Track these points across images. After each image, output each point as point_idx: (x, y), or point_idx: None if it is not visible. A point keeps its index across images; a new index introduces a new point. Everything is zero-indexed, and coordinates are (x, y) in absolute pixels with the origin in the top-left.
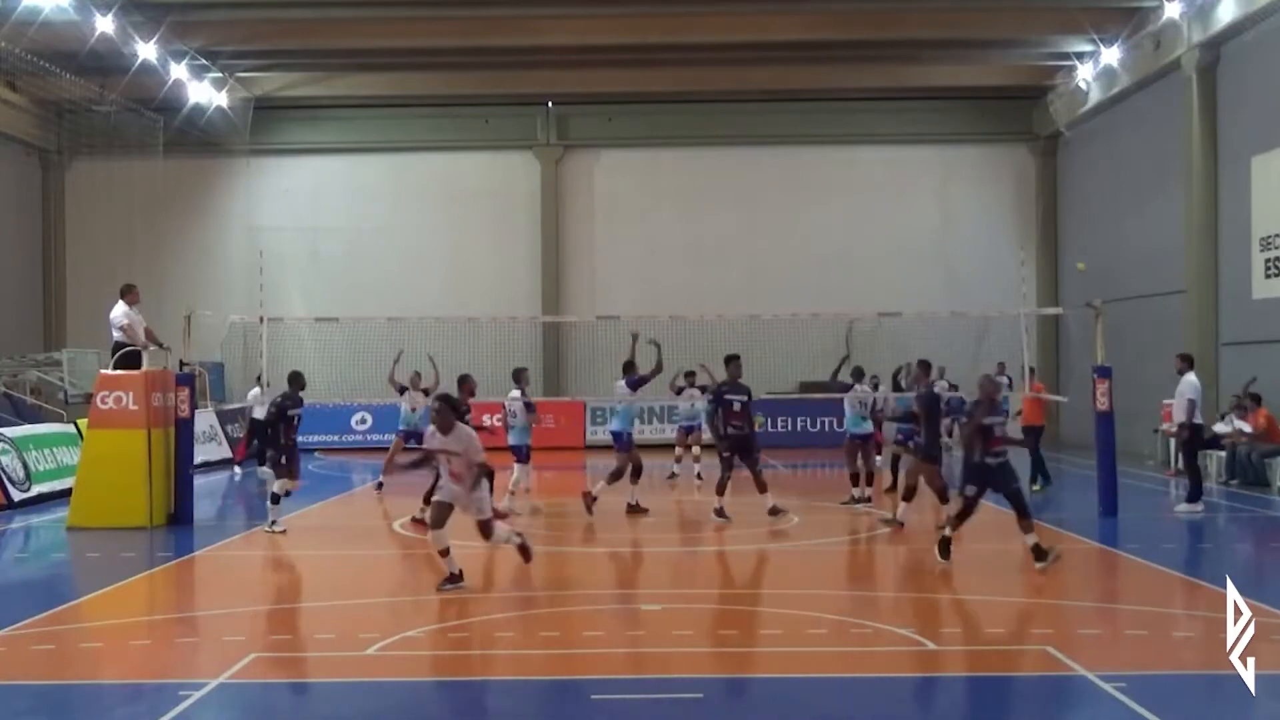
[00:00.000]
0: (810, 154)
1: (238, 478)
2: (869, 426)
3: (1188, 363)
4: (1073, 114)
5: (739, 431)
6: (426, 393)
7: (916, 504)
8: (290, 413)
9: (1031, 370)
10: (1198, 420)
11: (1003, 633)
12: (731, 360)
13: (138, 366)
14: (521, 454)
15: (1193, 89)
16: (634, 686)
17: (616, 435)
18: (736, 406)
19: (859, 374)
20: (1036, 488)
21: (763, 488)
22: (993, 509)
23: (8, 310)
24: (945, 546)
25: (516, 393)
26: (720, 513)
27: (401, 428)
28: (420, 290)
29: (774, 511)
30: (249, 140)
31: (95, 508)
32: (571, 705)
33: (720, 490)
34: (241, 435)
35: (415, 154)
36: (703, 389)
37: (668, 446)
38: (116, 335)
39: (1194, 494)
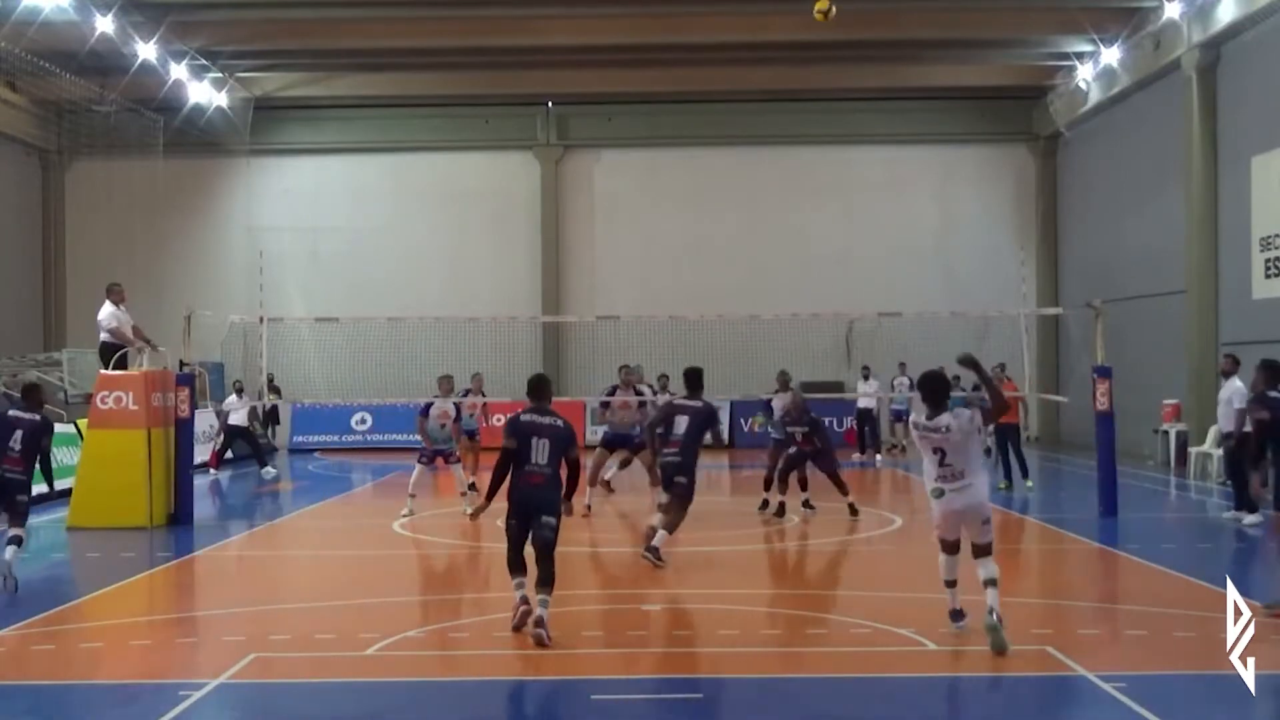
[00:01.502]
0: (810, 154)
1: (216, 478)
2: None
3: (1237, 364)
4: (1073, 114)
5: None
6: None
7: (906, 505)
8: None
9: (1002, 366)
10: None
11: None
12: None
13: (126, 367)
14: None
15: (1193, 89)
16: (634, 686)
17: None
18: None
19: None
20: (1003, 485)
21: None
22: (996, 511)
23: (8, 310)
24: None
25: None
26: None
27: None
28: (420, 290)
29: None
30: (249, 140)
31: (95, 508)
32: (571, 705)
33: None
34: (217, 441)
35: (415, 154)
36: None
37: None
38: (104, 337)
39: (1252, 503)
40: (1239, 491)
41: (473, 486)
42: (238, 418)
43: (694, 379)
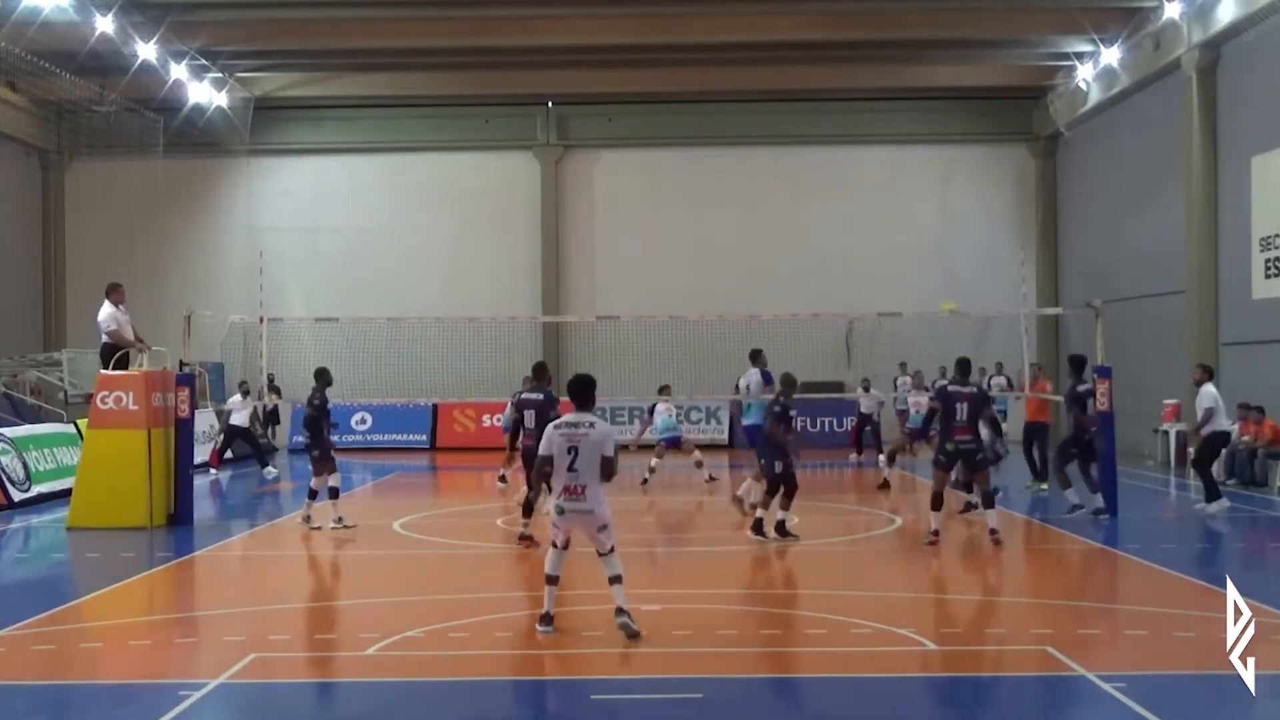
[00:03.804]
0: (810, 154)
1: (217, 478)
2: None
3: (1207, 373)
4: (1073, 114)
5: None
6: None
7: (911, 504)
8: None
9: (1039, 368)
10: (1221, 428)
11: (1003, 633)
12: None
13: (127, 367)
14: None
15: (1193, 89)
16: (634, 686)
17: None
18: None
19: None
20: (1044, 486)
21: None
22: (1004, 514)
23: (8, 310)
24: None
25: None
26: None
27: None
28: (420, 290)
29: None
30: (249, 140)
31: (95, 508)
32: (571, 705)
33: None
34: (218, 440)
35: (415, 154)
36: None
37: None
38: (105, 338)
39: (1213, 494)
40: (1208, 486)
41: (503, 479)
42: (239, 418)
43: (963, 367)
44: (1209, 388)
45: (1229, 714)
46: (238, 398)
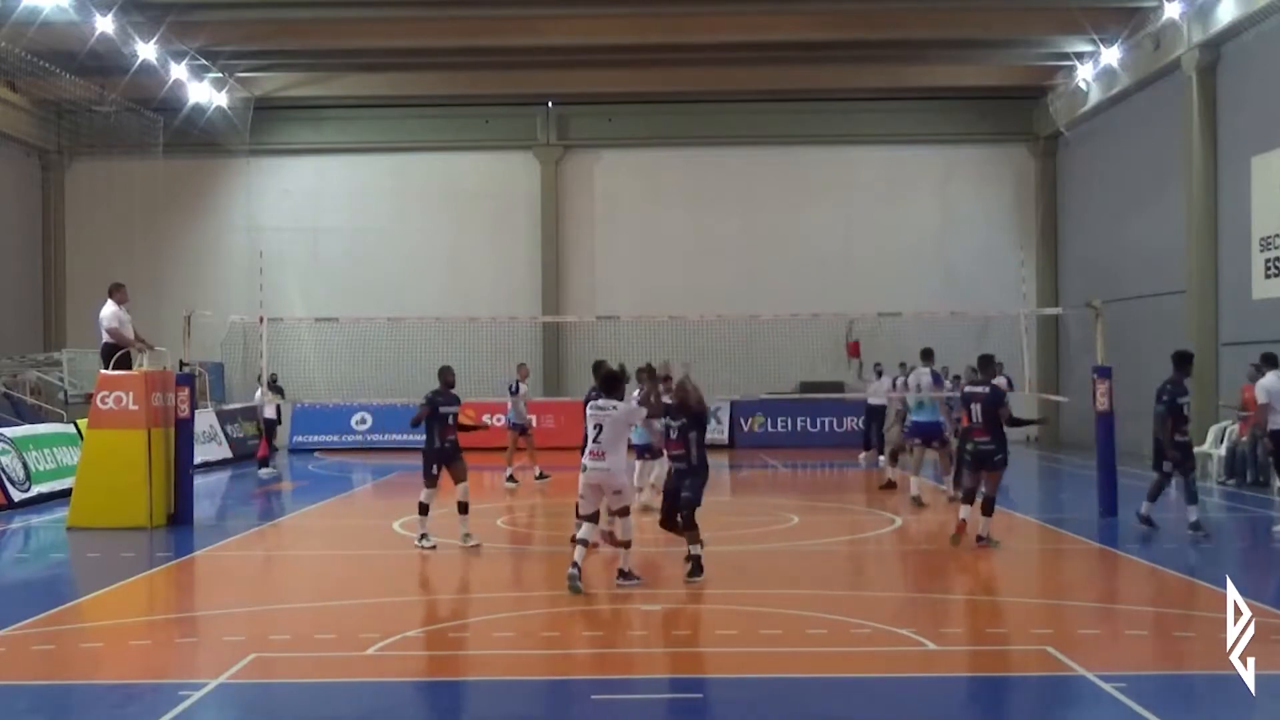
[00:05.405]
0: (810, 154)
1: (264, 477)
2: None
3: (1267, 364)
4: (1073, 114)
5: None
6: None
7: (911, 504)
8: (443, 410)
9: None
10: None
11: (1003, 633)
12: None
13: (128, 367)
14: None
15: (1193, 89)
16: (634, 686)
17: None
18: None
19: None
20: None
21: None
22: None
23: (8, 310)
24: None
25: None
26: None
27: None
28: (420, 290)
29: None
30: (249, 140)
31: (95, 508)
32: (571, 705)
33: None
34: (258, 436)
35: (415, 154)
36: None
37: None
38: (106, 337)
39: None
40: None
41: (511, 478)
42: (270, 410)
43: (983, 364)
44: (1264, 379)
45: (1229, 714)
46: (260, 392)
